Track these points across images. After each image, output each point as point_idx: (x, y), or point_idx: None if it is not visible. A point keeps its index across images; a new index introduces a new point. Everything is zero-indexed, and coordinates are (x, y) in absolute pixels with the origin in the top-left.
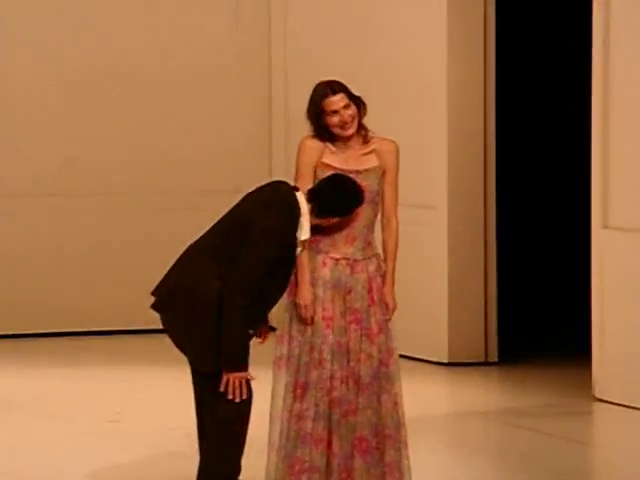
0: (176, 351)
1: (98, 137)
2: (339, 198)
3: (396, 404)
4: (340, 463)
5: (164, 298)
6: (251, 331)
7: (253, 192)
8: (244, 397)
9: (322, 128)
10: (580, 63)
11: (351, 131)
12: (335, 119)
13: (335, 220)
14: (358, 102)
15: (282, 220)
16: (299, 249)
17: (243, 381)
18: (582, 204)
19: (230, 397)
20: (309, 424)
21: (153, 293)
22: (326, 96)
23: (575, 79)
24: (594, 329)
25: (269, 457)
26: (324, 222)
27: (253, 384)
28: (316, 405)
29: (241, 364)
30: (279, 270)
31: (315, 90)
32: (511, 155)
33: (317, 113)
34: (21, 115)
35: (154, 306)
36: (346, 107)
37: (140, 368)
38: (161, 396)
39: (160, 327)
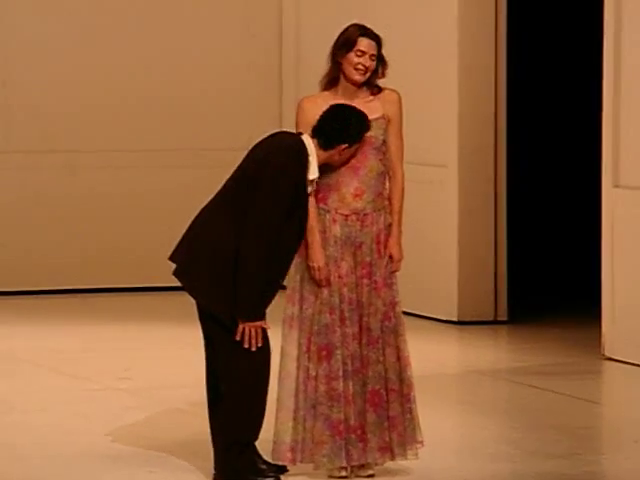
0: (185, 308)
1: (109, 95)
2: (343, 124)
3: (399, 358)
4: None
5: (185, 263)
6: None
7: (256, 145)
8: (259, 345)
9: (338, 65)
10: (594, 16)
11: (360, 79)
12: (357, 59)
13: (344, 148)
14: (381, 62)
15: (289, 161)
16: (309, 189)
17: (259, 330)
18: (593, 162)
19: (246, 346)
20: (340, 384)
21: (172, 259)
22: (364, 35)
23: (588, 31)
24: (604, 288)
25: (278, 416)
26: (334, 154)
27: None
28: (344, 364)
29: (257, 314)
30: (293, 213)
31: (351, 28)
32: (522, 113)
33: (346, 45)
34: (31, 72)
35: (176, 273)
36: (372, 57)
37: (149, 325)
38: (170, 353)
39: (169, 285)
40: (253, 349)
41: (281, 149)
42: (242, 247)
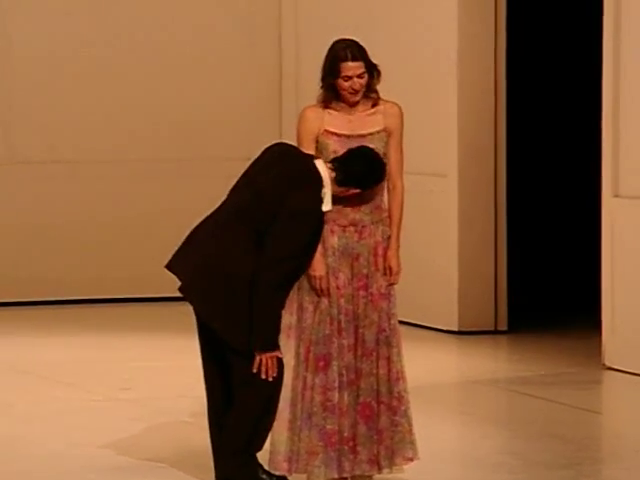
0: (186, 318)
1: (111, 105)
2: (368, 173)
3: (390, 370)
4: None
5: (193, 279)
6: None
7: (269, 161)
8: (274, 375)
9: (332, 86)
10: (593, 24)
11: (357, 99)
12: (346, 84)
13: (355, 192)
14: (373, 70)
15: (313, 200)
16: None
17: (275, 360)
18: (593, 172)
19: (263, 377)
20: (336, 395)
21: (172, 269)
22: (345, 60)
23: (588, 41)
24: (604, 298)
25: (274, 425)
26: (343, 192)
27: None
28: (340, 375)
29: (274, 344)
30: (310, 245)
31: (335, 48)
32: (522, 122)
33: (332, 72)
34: (36, 83)
35: (184, 291)
36: (360, 76)
37: (150, 336)
38: (171, 364)
39: (170, 295)
40: (269, 379)
41: (302, 183)
42: (260, 280)
